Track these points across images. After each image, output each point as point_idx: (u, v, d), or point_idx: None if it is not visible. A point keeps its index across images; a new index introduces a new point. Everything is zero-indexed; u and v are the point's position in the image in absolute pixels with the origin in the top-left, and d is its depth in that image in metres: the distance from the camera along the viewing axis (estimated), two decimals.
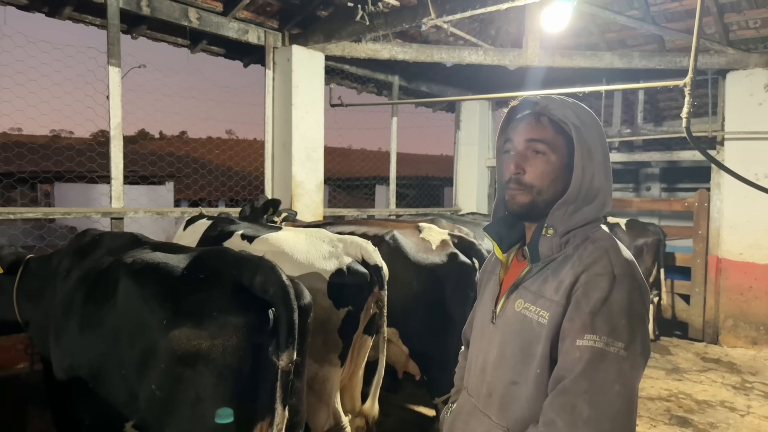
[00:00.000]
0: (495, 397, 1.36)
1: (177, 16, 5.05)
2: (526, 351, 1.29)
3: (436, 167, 24.30)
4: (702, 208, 6.70)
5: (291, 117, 5.69)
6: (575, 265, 1.25)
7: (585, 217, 1.31)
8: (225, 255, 2.15)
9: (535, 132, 1.34)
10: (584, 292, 1.20)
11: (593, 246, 1.28)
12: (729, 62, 6.21)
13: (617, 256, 1.25)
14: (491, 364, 1.39)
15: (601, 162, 1.32)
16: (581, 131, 1.31)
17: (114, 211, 4.69)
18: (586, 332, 1.17)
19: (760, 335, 6.26)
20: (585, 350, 1.16)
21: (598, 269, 1.22)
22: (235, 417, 1.80)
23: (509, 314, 1.36)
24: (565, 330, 1.21)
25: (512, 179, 1.36)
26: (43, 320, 2.47)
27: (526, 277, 1.36)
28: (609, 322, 1.17)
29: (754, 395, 4.87)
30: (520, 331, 1.31)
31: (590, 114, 1.36)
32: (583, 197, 1.31)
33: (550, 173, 1.33)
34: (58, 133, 22.52)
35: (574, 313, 1.21)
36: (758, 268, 6.26)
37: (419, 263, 3.24)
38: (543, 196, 1.34)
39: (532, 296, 1.31)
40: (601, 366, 1.15)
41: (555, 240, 1.32)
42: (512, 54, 5.93)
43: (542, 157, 1.34)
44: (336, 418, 2.76)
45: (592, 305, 1.18)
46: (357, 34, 5.30)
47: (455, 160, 9.01)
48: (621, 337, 1.16)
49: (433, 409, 3.43)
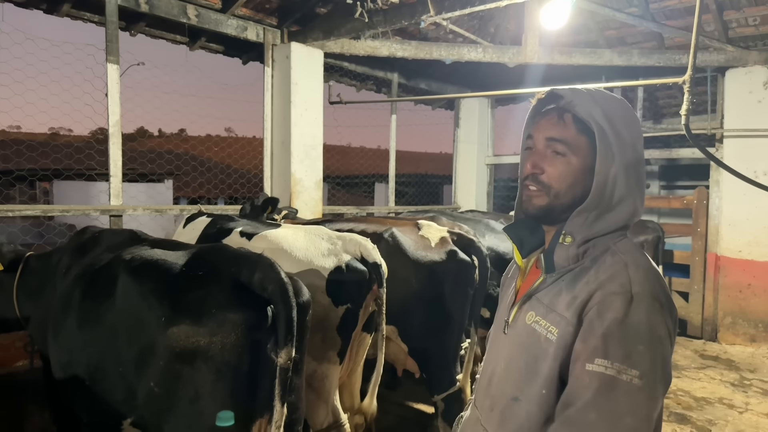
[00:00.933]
0: (496, 411, 1.29)
1: (175, 13, 5.04)
2: (531, 367, 1.21)
3: (435, 165, 24.30)
4: (701, 205, 6.71)
5: (290, 114, 5.68)
6: (591, 281, 1.17)
7: (607, 225, 1.21)
8: (224, 252, 2.15)
9: (556, 130, 1.26)
10: (598, 312, 1.11)
11: (612, 259, 1.18)
12: (728, 60, 6.20)
13: (637, 272, 1.15)
14: (497, 376, 1.32)
15: (631, 166, 1.21)
16: (605, 133, 1.20)
17: (113, 209, 4.68)
18: (598, 356, 1.07)
19: (759, 333, 6.27)
20: (595, 376, 1.07)
21: (615, 287, 1.12)
22: (234, 414, 1.80)
23: (520, 326, 1.28)
24: (577, 352, 1.12)
25: (529, 177, 1.27)
26: (42, 317, 2.47)
27: (540, 287, 1.27)
28: (624, 347, 1.07)
29: (752, 392, 4.88)
30: (528, 345, 1.23)
31: (624, 111, 1.24)
32: (605, 204, 1.20)
33: (569, 176, 1.24)
34: (57, 130, 22.47)
35: (587, 334, 1.11)
36: (757, 265, 6.26)
37: (418, 261, 3.24)
38: (560, 200, 1.25)
39: (544, 309, 1.23)
40: (611, 395, 1.05)
41: (572, 250, 1.22)
42: (511, 51, 5.92)
43: (562, 159, 1.25)
44: (335, 415, 2.76)
45: (605, 327, 1.09)
46: (356, 31, 5.29)
47: (454, 157, 9.01)
48: (636, 364, 1.06)
49: (432, 407, 3.44)
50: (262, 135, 5.96)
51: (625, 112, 1.24)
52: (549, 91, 1.30)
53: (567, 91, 1.27)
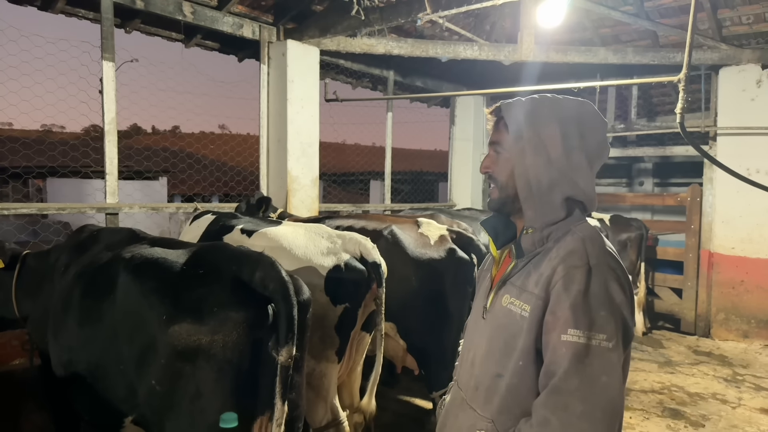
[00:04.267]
0: (481, 390, 1.41)
1: (171, 10, 5.02)
2: (510, 344, 1.34)
3: (430, 162, 24.31)
4: (694, 202, 6.76)
5: (286, 112, 5.68)
6: (552, 258, 1.31)
7: (553, 208, 1.37)
8: (225, 250, 2.15)
9: (494, 135, 1.50)
10: (564, 286, 1.25)
11: (571, 237, 1.33)
12: (722, 58, 6.24)
13: (593, 247, 1.29)
14: (479, 357, 1.45)
15: (558, 156, 1.36)
16: (520, 133, 1.39)
17: (109, 207, 4.67)
18: (569, 327, 1.21)
19: (751, 328, 6.34)
20: (570, 346, 1.21)
21: (575, 261, 1.27)
22: (235, 412, 1.81)
23: (497, 309, 1.42)
24: (549, 324, 1.26)
25: (486, 176, 1.50)
26: (41, 315, 2.46)
27: (512, 272, 1.42)
28: (589, 316, 1.21)
29: (745, 387, 4.93)
30: (506, 325, 1.37)
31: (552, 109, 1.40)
32: (537, 192, 1.37)
33: (506, 169, 1.44)
34: (49, 127, 22.31)
35: (556, 306, 1.25)
36: (750, 262, 6.32)
37: (417, 258, 3.25)
38: (507, 192, 1.45)
39: (516, 291, 1.37)
40: (587, 360, 1.19)
41: (536, 235, 1.39)
42: (507, 49, 5.94)
43: (500, 156, 1.47)
44: (334, 413, 2.77)
45: (572, 299, 1.23)
46: (352, 29, 5.29)
47: (450, 155, 9.02)
48: (603, 329, 1.21)
49: (430, 403, 3.45)
50: (258, 132, 5.96)
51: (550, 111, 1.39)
52: (495, 105, 1.50)
53: (506, 103, 1.47)
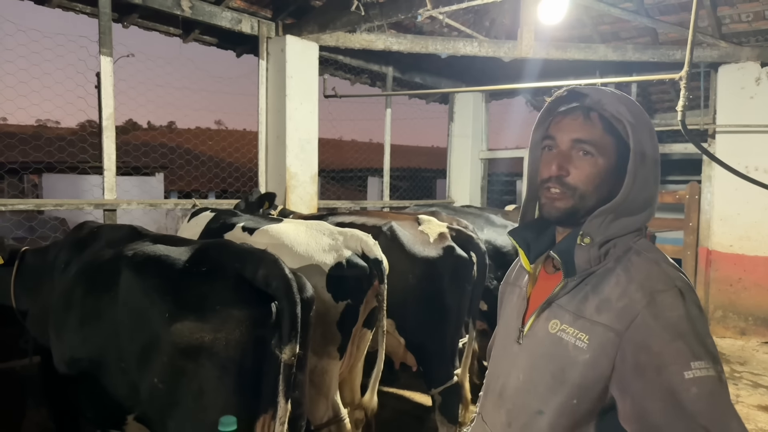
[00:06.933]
0: (515, 427, 1.20)
1: (169, 5, 4.98)
2: (558, 378, 1.13)
3: (428, 159, 24.30)
4: (693, 200, 6.77)
5: (285, 108, 5.65)
6: (621, 281, 1.11)
7: (626, 226, 1.17)
8: (228, 248, 2.14)
9: (583, 131, 1.19)
10: (653, 315, 1.04)
11: (639, 258, 1.14)
12: (721, 55, 6.24)
13: (670, 267, 1.13)
14: (512, 389, 1.23)
15: (653, 166, 1.18)
16: (637, 132, 1.16)
17: (107, 203, 4.64)
18: (690, 360, 1.00)
19: (749, 326, 6.36)
20: (701, 382, 0.99)
21: (658, 285, 1.08)
22: (237, 410, 1.80)
23: (541, 335, 1.19)
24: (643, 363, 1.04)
25: (552, 179, 1.20)
26: (41, 312, 2.45)
27: (561, 293, 1.19)
28: (703, 344, 1.02)
29: (742, 385, 4.95)
30: (555, 355, 1.15)
31: (642, 111, 1.20)
32: (628, 206, 1.16)
33: (596, 177, 1.18)
34: (44, 122, 22.21)
35: (650, 340, 1.03)
36: (747, 259, 6.34)
37: (415, 255, 3.24)
38: (585, 202, 1.19)
39: (570, 317, 1.15)
40: (724, 394, 1.01)
41: (593, 251, 1.15)
42: (507, 46, 5.92)
43: (590, 159, 1.19)
44: (335, 410, 2.77)
45: (674, 328, 1.03)
46: (351, 25, 5.26)
47: (448, 151, 9.01)
48: (714, 356, 1.03)
49: (430, 399, 3.45)
50: (256, 128, 5.93)
51: (643, 113, 1.21)
52: (570, 88, 1.24)
53: (591, 89, 1.21)
